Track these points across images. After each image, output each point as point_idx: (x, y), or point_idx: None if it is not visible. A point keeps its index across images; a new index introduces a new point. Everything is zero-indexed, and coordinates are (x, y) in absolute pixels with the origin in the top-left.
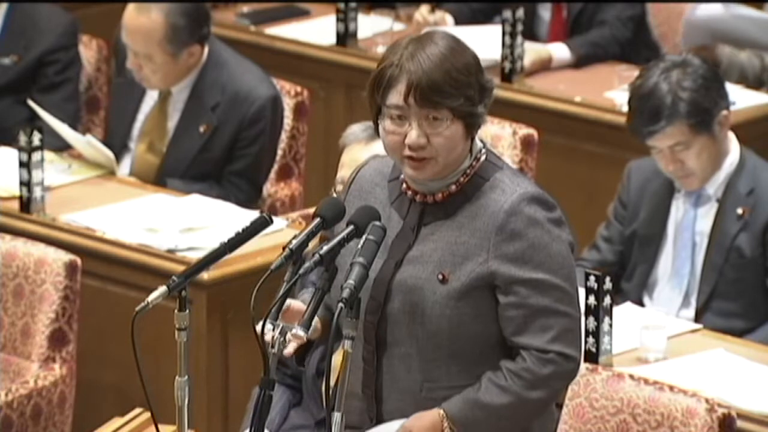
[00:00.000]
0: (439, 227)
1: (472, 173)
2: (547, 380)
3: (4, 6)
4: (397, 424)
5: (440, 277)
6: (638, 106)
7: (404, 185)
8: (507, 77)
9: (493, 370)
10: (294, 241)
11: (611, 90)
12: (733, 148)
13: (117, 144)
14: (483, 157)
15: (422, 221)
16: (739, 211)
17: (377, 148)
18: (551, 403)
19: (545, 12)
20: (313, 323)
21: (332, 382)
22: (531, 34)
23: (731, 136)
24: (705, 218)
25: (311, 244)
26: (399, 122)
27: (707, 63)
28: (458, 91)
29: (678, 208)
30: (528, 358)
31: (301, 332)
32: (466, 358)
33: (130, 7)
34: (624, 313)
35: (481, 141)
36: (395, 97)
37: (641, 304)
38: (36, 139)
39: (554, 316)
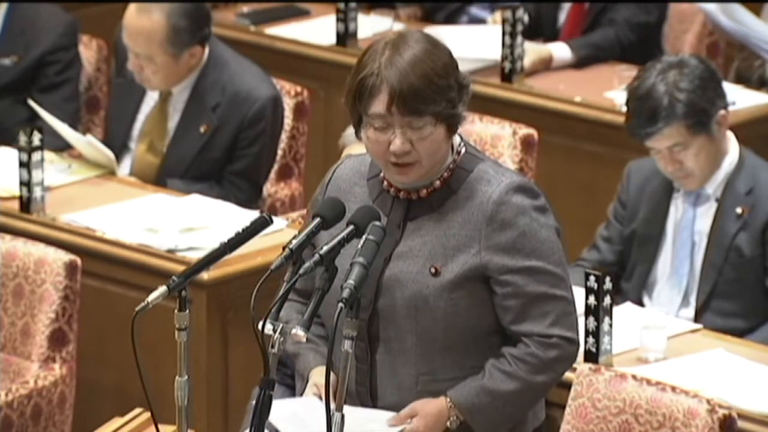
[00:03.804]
0: (426, 222)
1: (455, 167)
2: (551, 364)
3: (4, 6)
4: (389, 414)
5: (432, 270)
6: (635, 107)
7: (385, 183)
8: (507, 77)
9: (496, 358)
10: (294, 241)
11: (611, 90)
12: (732, 148)
13: (117, 144)
14: (463, 150)
15: (408, 217)
16: (739, 210)
17: None
18: (553, 386)
19: (568, 5)
20: None
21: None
22: (552, 30)
23: (730, 136)
24: (704, 218)
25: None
26: (382, 131)
27: (704, 63)
28: (440, 95)
29: (677, 207)
30: (531, 344)
31: (301, 332)
32: (461, 350)
33: (131, 9)
34: (624, 313)
35: (458, 134)
36: (377, 106)
37: (641, 303)
38: (36, 139)
39: (551, 301)
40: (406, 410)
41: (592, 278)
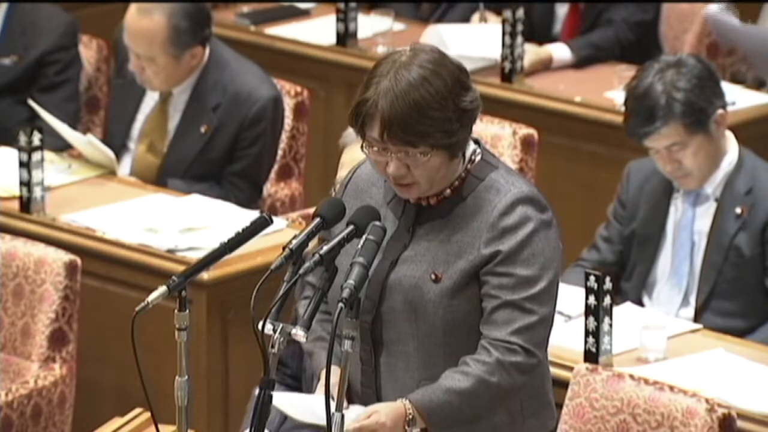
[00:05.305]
0: (434, 228)
1: (466, 175)
2: (509, 367)
3: (4, 6)
4: (361, 408)
5: (433, 276)
6: (634, 107)
7: None
8: (507, 77)
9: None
10: (294, 241)
11: (611, 90)
12: (732, 148)
13: (117, 144)
14: (478, 158)
15: (418, 222)
16: (738, 210)
17: None
18: (510, 392)
19: (562, 9)
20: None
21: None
22: (546, 33)
23: (729, 136)
24: (704, 217)
25: (311, 244)
26: (379, 153)
27: (703, 62)
28: (434, 128)
29: (677, 207)
30: (491, 348)
31: (300, 332)
32: (463, 354)
33: (132, 10)
34: (624, 313)
35: (475, 141)
36: (373, 132)
37: (641, 303)
38: (36, 139)
39: (521, 312)
40: (366, 411)
41: (592, 278)
